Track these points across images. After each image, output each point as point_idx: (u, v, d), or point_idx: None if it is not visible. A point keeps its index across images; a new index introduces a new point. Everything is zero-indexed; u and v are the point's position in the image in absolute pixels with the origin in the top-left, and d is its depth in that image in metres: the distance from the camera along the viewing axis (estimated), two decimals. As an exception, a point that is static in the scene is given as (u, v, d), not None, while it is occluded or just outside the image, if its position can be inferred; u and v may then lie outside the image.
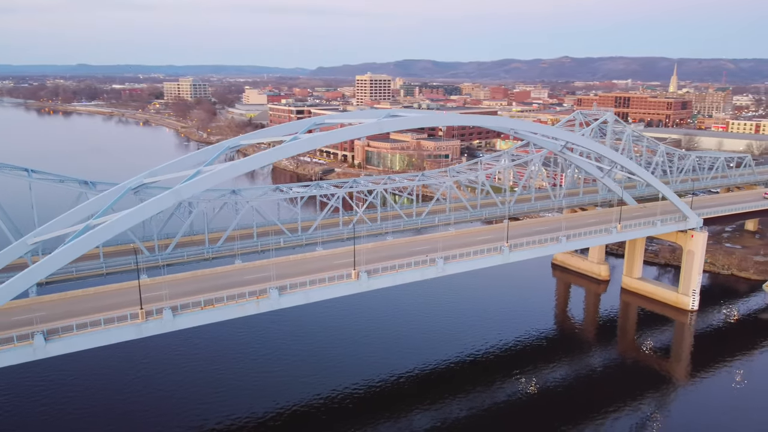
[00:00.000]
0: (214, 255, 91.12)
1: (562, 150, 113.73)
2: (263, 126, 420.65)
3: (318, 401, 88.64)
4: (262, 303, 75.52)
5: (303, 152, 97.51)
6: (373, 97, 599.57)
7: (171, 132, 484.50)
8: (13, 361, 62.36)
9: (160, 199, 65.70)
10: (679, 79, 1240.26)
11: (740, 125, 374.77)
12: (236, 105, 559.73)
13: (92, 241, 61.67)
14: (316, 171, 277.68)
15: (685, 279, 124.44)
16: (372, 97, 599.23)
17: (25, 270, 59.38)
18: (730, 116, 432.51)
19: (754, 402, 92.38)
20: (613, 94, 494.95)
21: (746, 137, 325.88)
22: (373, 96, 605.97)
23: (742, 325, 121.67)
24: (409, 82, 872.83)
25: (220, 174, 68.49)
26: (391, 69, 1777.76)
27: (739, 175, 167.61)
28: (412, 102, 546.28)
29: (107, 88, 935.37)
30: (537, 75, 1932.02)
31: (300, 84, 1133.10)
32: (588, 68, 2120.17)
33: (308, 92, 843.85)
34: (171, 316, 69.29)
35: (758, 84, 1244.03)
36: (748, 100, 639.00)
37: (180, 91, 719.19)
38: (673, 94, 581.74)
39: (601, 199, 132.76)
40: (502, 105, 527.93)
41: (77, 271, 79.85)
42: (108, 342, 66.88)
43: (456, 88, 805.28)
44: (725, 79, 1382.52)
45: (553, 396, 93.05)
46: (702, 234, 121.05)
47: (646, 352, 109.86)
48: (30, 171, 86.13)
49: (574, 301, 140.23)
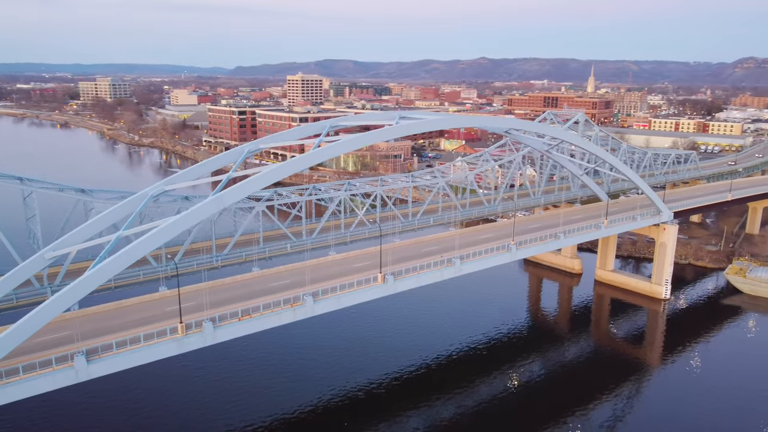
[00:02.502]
0: (223, 263, 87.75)
1: (548, 150, 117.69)
2: (198, 128, 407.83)
3: (297, 408, 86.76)
4: (298, 310, 73.62)
5: (341, 154, 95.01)
6: (305, 98, 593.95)
7: (94, 134, 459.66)
8: (54, 386, 57.67)
9: (204, 206, 62.60)
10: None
11: (661, 123, 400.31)
12: (166, 106, 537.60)
13: (142, 249, 58.19)
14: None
15: (658, 269, 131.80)
16: (304, 98, 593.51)
17: (73, 283, 55.02)
18: (650, 115, 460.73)
19: (722, 380, 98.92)
20: (541, 94, 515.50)
21: (671, 135, 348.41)
22: (305, 96, 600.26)
23: (708, 311, 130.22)
24: (337, 82, 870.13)
25: (262, 179, 66.02)
26: (312, 68, 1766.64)
27: (687, 170, 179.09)
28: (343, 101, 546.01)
29: (12, 87, 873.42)
30: (456, 75, 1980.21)
31: (221, 83, 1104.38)
32: (504, 69, 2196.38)
33: (233, 92, 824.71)
34: (212, 329, 66.28)
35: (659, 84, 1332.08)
36: (659, 99, 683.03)
37: (98, 91, 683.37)
38: (593, 94, 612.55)
39: (578, 196, 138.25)
40: (435, 105, 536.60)
41: None
42: (150, 360, 63.08)
43: (385, 89, 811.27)
44: (631, 80, 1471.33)
45: (533, 389, 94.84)
46: (673, 227, 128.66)
47: (622, 341, 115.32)
48: (24, 179, 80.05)
49: (549, 295, 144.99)
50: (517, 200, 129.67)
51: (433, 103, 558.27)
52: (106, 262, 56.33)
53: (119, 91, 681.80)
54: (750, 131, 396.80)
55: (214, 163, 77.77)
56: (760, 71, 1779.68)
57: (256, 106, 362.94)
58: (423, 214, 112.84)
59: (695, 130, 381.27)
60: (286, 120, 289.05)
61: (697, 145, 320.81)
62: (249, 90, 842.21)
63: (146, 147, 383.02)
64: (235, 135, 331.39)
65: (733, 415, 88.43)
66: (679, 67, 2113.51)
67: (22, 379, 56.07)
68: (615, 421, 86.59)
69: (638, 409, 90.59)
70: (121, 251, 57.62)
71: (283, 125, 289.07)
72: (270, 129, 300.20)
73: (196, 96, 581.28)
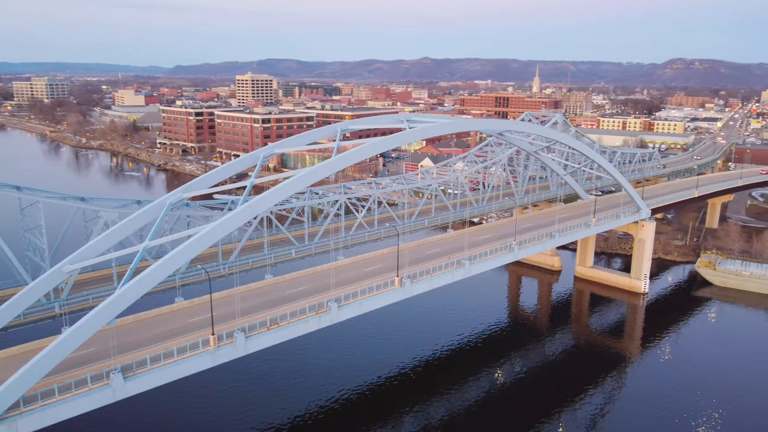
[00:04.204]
0: (230, 271, 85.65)
1: (536, 151, 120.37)
2: (149, 129, 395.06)
3: (282, 413, 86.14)
4: (323, 317, 72.71)
5: (369, 156, 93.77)
6: (255, 98, 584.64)
7: (34, 137, 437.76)
8: (91, 407, 54.97)
9: (239, 213, 61.09)
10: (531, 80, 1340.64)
11: (610, 122, 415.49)
12: (112, 107, 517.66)
13: (182, 257, 56.58)
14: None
15: (637, 265, 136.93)
16: (254, 98, 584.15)
17: (113, 297, 52.74)
18: (598, 115, 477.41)
19: (699, 366, 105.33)
20: (493, 95, 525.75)
21: (621, 134, 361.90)
22: (255, 96, 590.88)
23: (683, 302, 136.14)
24: (285, 82, 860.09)
25: (294, 184, 64.93)
26: (254, 68, 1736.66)
27: (651, 168, 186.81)
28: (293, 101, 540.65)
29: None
30: (400, 75, 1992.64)
31: (161, 83, 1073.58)
32: (447, 69, 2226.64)
33: (177, 92, 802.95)
34: (243, 340, 64.67)
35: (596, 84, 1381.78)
36: (601, 99, 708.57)
37: (34, 92, 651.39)
38: (541, 95, 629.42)
39: (557, 195, 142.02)
40: (387, 105, 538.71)
41: (93, 299, 71.83)
42: (185, 374, 60.98)
43: (335, 89, 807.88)
44: (570, 80, 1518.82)
45: (518, 385, 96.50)
46: (651, 223, 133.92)
47: (605, 334, 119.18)
48: (22, 188, 75.99)
49: (530, 293, 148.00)
50: (504, 200, 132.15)
51: (386, 103, 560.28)
52: (148, 272, 54.39)
53: (57, 91, 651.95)
54: (690, 129, 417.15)
55: (229, 169, 76.04)
56: (689, 72, 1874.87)
57: (214, 107, 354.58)
58: (416, 215, 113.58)
59: (641, 129, 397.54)
60: (248, 121, 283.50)
61: (645, 143, 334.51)
62: (193, 90, 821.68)
63: (95, 150, 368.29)
64: (191, 137, 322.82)
65: (707, 396, 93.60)
66: (613, 68, 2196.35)
67: (58, 400, 53.22)
68: (598, 411, 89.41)
69: (621, 397, 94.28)
70: (162, 260, 55.78)
71: (245, 127, 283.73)
72: (230, 131, 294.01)
73: (143, 96, 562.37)
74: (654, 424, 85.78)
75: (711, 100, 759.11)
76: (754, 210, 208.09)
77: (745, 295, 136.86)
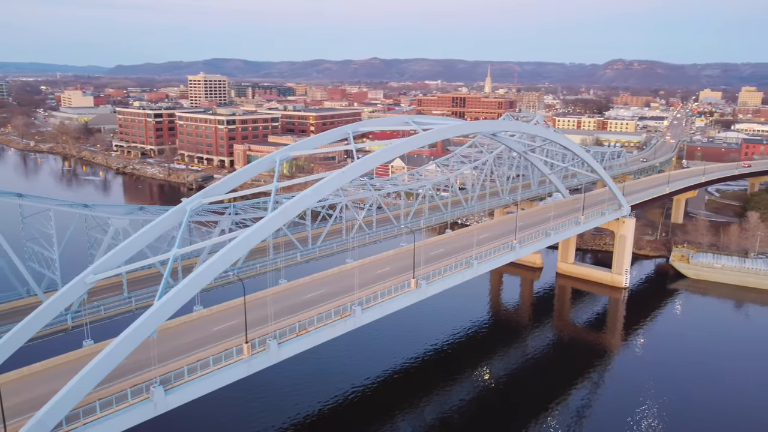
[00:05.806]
0: (239, 276, 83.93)
1: (525, 151, 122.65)
2: (101, 131, 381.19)
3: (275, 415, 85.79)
4: (348, 321, 72.11)
5: (393, 158, 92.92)
6: (209, 98, 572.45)
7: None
8: (132, 423, 52.79)
9: (272, 219, 59.88)
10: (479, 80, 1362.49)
11: (565, 122, 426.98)
12: (60, 108, 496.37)
13: (221, 264, 55.09)
14: (195, 178, 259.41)
15: (618, 260, 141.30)
16: (208, 98, 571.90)
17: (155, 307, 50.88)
18: (551, 114, 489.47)
19: (677, 355, 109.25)
20: (450, 95, 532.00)
21: (578, 133, 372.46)
22: (208, 97, 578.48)
23: (660, 294, 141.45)
24: (237, 82, 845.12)
25: (322, 188, 64.15)
26: (200, 68, 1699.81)
27: (620, 166, 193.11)
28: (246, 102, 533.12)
29: None
30: (349, 75, 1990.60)
31: (104, 84, 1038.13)
32: (396, 69, 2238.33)
33: (123, 93, 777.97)
34: (276, 347, 63.41)
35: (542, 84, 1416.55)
36: (551, 98, 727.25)
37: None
38: (495, 95, 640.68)
39: (539, 193, 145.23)
40: (344, 105, 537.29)
41: (106, 310, 69.41)
42: (222, 384, 59.31)
43: (289, 89, 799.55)
44: (516, 80, 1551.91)
45: (503, 381, 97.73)
46: (631, 220, 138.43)
47: (588, 328, 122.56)
48: (24, 196, 72.60)
49: (512, 290, 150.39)
50: (491, 199, 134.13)
51: (343, 103, 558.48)
52: (192, 277, 52.81)
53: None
54: (640, 128, 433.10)
55: (245, 173, 74.32)
56: (628, 72, 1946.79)
57: (172, 108, 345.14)
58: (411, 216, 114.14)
59: (596, 128, 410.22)
60: (211, 123, 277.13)
61: (601, 141, 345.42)
62: (140, 91, 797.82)
63: (44, 153, 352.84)
64: (150, 139, 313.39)
65: (686, 382, 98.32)
66: (556, 68, 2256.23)
67: (99, 417, 50.95)
68: (584, 402, 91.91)
69: (606, 388, 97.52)
70: (201, 269, 54.16)
71: (209, 128, 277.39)
72: (193, 132, 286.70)
73: (92, 97, 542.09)
74: (636, 412, 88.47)
75: (654, 99, 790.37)
76: (712, 205, 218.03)
77: (718, 287, 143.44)
